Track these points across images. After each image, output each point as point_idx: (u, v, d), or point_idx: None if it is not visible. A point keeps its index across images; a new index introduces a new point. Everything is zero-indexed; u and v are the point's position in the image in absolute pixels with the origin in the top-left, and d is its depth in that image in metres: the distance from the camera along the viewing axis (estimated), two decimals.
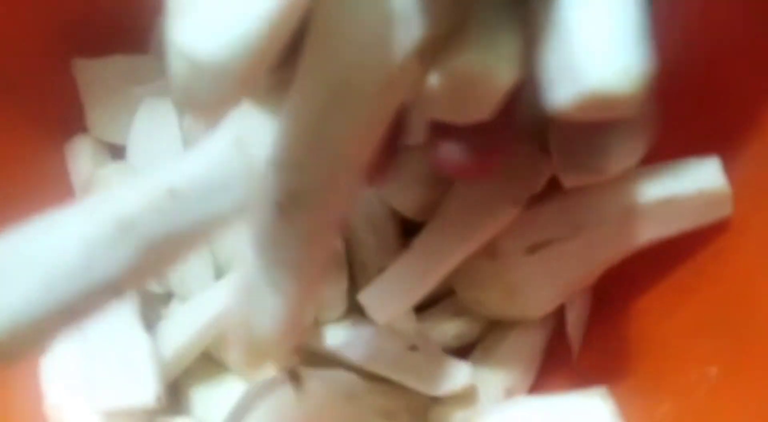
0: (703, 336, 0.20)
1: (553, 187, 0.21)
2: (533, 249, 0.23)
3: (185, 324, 0.24)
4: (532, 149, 0.21)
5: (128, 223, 0.14)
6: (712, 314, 0.20)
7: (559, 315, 0.24)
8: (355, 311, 0.24)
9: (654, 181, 0.20)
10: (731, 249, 0.20)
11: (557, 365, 0.24)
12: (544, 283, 0.23)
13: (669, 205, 0.20)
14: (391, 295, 0.22)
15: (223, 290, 0.25)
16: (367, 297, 0.22)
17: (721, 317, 0.20)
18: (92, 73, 0.28)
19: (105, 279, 0.14)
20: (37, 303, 0.14)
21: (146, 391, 0.22)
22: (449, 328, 0.25)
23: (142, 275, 0.15)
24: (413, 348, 0.22)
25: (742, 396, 0.18)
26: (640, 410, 0.21)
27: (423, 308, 0.25)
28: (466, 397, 0.23)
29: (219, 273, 0.26)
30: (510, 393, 0.22)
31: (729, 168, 0.20)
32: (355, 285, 0.25)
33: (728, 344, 0.19)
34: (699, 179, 0.20)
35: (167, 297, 0.27)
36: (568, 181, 0.21)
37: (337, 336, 0.24)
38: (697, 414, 0.19)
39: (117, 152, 0.29)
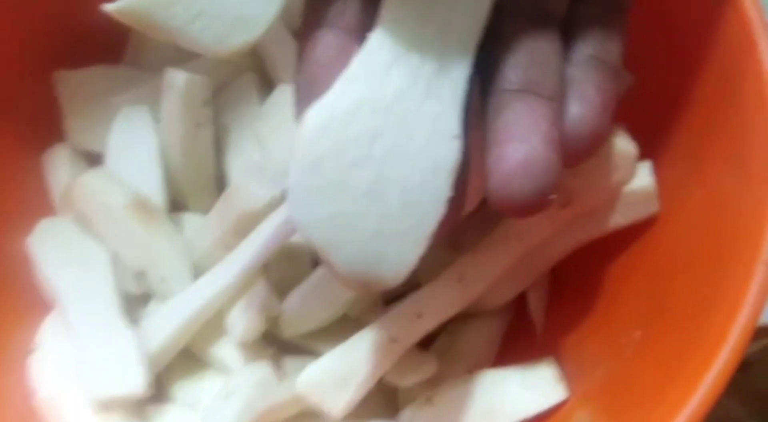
0: (632, 307, 0.26)
1: None
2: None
3: (168, 321, 0.28)
4: None
5: None
6: (639, 289, 0.26)
7: (521, 299, 0.29)
8: None
9: None
10: (657, 237, 0.26)
11: (523, 342, 0.29)
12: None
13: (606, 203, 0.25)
14: None
15: (202, 288, 0.29)
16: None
17: (646, 291, 0.25)
18: (73, 84, 0.32)
19: None
20: None
21: (137, 380, 0.26)
22: None
23: None
24: None
25: (660, 354, 0.23)
26: (583, 372, 0.26)
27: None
28: (432, 380, 0.27)
29: (197, 272, 0.30)
30: (471, 372, 0.27)
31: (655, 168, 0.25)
32: None
33: (650, 312, 0.24)
34: (632, 181, 0.25)
35: (145, 299, 0.30)
36: None
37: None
38: (626, 370, 0.24)
39: (93, 160, 0.33)
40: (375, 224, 0.17)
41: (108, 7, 0.16)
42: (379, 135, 0.17)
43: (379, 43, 0.17)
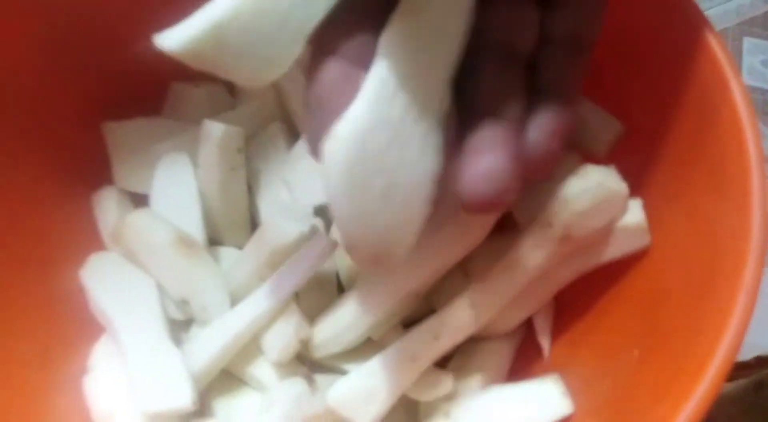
0: (628, 329, 0.29)
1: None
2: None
3: (209, 345, 0.31)
4: None
5: None
6: (634, 312, 0.29)
7: (529, 323, 0.32)
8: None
9: None
10: (647, 265, 0.29)
11: (532, 361, 0.32)
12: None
13: (601, 238, 0.28)
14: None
15: (240, 315, 0.32)
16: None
17: (640, 314, 0.28)
18: (119, 133, 0.36)
19: None
20: None
21: (184, 395, 0.29)
22: None
23: None
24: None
25: (655, 370, 0.26)
26: (587, 388, 0.29)
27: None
28: (449, 395, 0.30)
29: (234, 301, 0.33)
30: (485, 388, 0.30)
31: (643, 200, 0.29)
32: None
33: (646, 333, 0.27)
34: (624, 217, 0.28)
35: (187, 324, 0.34)
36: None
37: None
38: (626, 386, 0.27)
39: (138, 201, 0.36)
40: (387, 219, 0.21)
41: (166, 47, 0.19)
42: (389, 148, 0.20)
43: (385, 73, 0.21)
